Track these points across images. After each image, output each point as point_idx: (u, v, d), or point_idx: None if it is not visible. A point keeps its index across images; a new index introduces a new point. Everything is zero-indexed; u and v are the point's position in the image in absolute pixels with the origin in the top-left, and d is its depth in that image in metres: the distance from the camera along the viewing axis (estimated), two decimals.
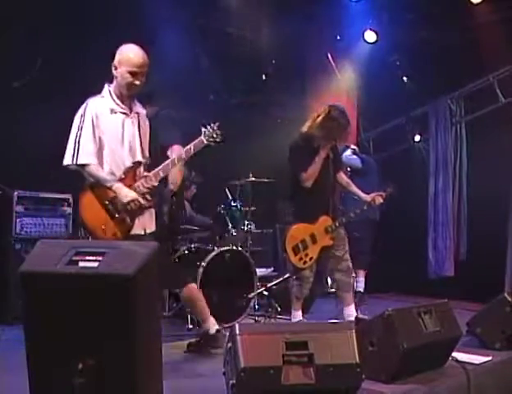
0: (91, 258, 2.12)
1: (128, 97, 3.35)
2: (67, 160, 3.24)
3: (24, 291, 2.12)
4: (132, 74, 3.28)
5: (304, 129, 4.66)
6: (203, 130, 3.38)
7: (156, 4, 5.67)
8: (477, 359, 3.64)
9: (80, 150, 3.19)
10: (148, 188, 3.29)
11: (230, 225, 5.36)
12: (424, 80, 6.96)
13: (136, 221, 3.27)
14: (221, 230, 5.42)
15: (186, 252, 5.27)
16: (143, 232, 3.29)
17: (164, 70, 5.40)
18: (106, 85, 3.40)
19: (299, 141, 4.66)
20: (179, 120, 4.71)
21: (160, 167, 3.33)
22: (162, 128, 4.59)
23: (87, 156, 3.20)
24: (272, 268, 6.59)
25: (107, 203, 3.21)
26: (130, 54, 3.32)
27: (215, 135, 3.37)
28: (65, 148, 4.94)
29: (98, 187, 3.22)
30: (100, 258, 2.11)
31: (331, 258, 4.67)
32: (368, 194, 4.78)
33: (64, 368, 2.03)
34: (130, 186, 3.26)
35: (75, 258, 2.12)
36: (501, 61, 6.44)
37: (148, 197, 3.32)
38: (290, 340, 2.71)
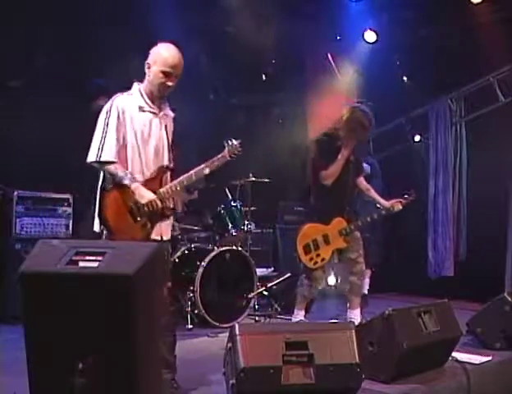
0: (91, 258, 2.12)
1: (159, 97, 3.23)
2: (91, 157, 3.10)
3: (24, 291, 2.12)
4: (165, 74, 3.14)
5: (329, 128, 4.64)
6: (226, 145, 3.29)
7: (156, 4, 5.67)
8: (477, 359, 3.65)
9: (105, 147, 3.08)
10: (171, 196, 3.21)
11: (230, 225, 5.36)
12: (424, 79, 6.96)
13: (155, 227, 3.19)
14: (221, 230, 5.42)
15: (186, 252, 5.27)
16: (159, 238, 3.21)
17: None
18: (135, 83, 3.26)
19: (322, 139, 4.62)
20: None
21: (185, 176, 3.22)
22: None
23: (110, 154, 3.09)
24: (272, 268, 6.59)
25: (131, 205, 3.11)
26: (165, 53, 3.17)
27: (236, 152, 3.31)
28: (64, 148, 4.96)
29: (124, 188, 3.10)
30: (100, 258, 2.11)
31: (344, 260, 4.63)
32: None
33: (64, 368, 2.03)
34: (154, 191, 3.15)
35: (75, 258, 2.12)
36: (501, 61, 6.44)
37: (171, 205, 3.24)
38: (290, 340, 2.71)
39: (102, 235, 3.11)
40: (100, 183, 3.19)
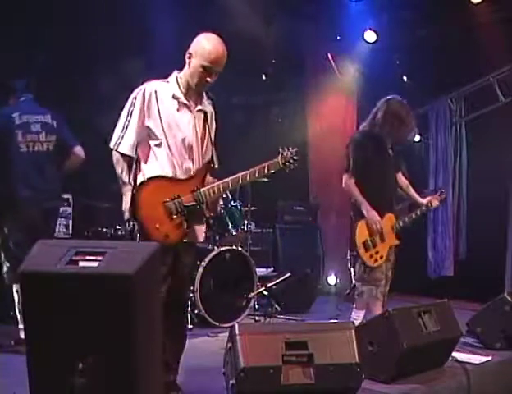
0: (91, 257, 2.12)
1: (196, 92, 3.03)
2: (112, 143, 2.97)
3: (24, 291, 2.12)
4: (206, 69, 2.94)
5: (365, 127, 4.41)
6: (280, 151, 3.20)
7: (155, 3, 5.67)
8: (477, 359, 3.65)
9: (124, 140, 2.93)
10: (213, 199, 3.08)
11: (230, 225, 5.36)
12: (424, 79, 6.96)
13: (192, 228, 3.01)
14: (221, 230, 5.42)
15: None
16: (193, 241, 3.09)
17: (163, 69, 5.40)
18: (175, 72, 3.08)
19: (358, 139, 4.39)
20: None
21: (231, 178, 3.11)
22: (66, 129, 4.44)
23: (127, 147, 2.94)
24: (272, 268, 6.59)
25: (167, 200, 2.92)
26: (208, 46, 2.96)
27: (291, 161, 3.21)
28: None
29: (161, 182, 2.94)
30: (100, 258, 2.11)
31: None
32: None
33: (64, 368, 2.03)
34: (193, 191, 2.99)
35: (74, 257, 2.12)
36: (501, 61, 6.44)
37: (210, 206, 3.10)
38: (289, 340, 2.71)
39: (134, 230, 2.93)
40: (133, 174, 3.02)
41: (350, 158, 4.28)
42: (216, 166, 3.09)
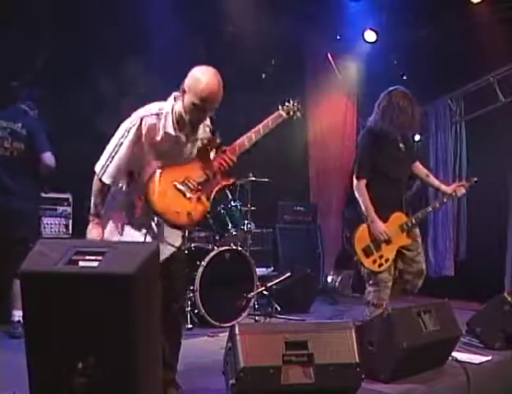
0: (91, 257, 2.12)
1: (190, 126, 2.93)
2: (97, 168, 2.91)
3: (24, 291, 2.12)
4: (198, 107, 2.82)
5: (370, 123, 4.25)
6: (280, 106, 3.16)
7: (156, 3, 5.67)
8: (477, 358, 3.65)
9: (108, 169, 2.87)
10: (229, 164, 3.01)
11: (230, 225, 5.36)
12: (424, 79, 6.96)
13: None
14: (221, 230, 5.42)
15: (186, 252, 5.26)
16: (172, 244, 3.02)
17: (163, 69, 5.40)
18: (172, 97, 2.95)
19: (363, 140, 4.28)
20: None
21: (238, 141, 3.06)
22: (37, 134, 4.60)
23: (110, 178, 2.88)
24: (272, 268, 6.59)
25: (177, 185, 2.89)
26: (201, 83, 2.80)
27: (295, 110, 3.16)
28: (64, 147, 4.96)
29: (167, 170, 2.89)
30: (100, 258, 2.11)
31: (401, 258, 4.23)
32: None
33: (64, 367, 2.03)
34: (203, 165, 2.98)
35: (74, 257, 2.12)
36: (501, 60, 6.44)
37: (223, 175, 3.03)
38: (289, 340, 2.72)
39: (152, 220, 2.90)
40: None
41: (357, 160, 4.24)
42: (218, 140, 3.05)
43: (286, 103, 3.22)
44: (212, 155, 3.10)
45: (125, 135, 2.87)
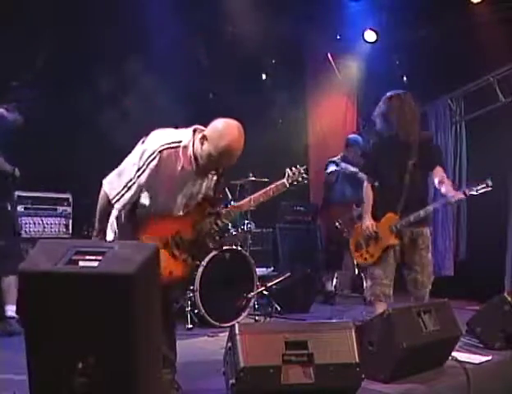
0: (91, 257, 2.12)
1: (202, 168, 2.93)
2: (111, 194, 2.89)
3: (23, 291, 2.12)
4: (214, 158, 2.82)
5: (378, 127, 4.35)
6: (287, 172, 3.15)
7: (156, 3, 5.67)
8: (477, 358, 3.65)
9: (126, 196, 2.86)
10: (219, 227, 3.03)
11: (230, 225, 5.36)
12: (424, 79, 6.96)
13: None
14: (220, 230, 5.41)
15: None
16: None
17: (163, 69, 5.41)
18: (191, 131, 2.92)
19: (370, 144, 4.51)
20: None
21: (236, 204, 3.12)
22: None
23: (124, 204, 2.89)
24: (272, 268, 6.59)
25: (169, 238, 2.91)
26: (222, 140, 2.80)
27: (300, 179, 3.15)
28: (64, 147, 4.95)
29: (158, 220, 2.90)
30: (100, 258, 2.11)
31: (406, 259, 4.27)
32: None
33: (64, 367, 2.03)
34: (195, 222, 2.98)
35: (74, 257, 2.12)
36: (501, 61, 6.44)
37: (217, 237, 3.07)
38: (289, 339, 2.71)
39: None
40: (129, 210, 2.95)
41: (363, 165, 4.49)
42: (222, 196, 3.16)
43: (293, 169, 3.17)
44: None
45: (144, 168, 2.83)
